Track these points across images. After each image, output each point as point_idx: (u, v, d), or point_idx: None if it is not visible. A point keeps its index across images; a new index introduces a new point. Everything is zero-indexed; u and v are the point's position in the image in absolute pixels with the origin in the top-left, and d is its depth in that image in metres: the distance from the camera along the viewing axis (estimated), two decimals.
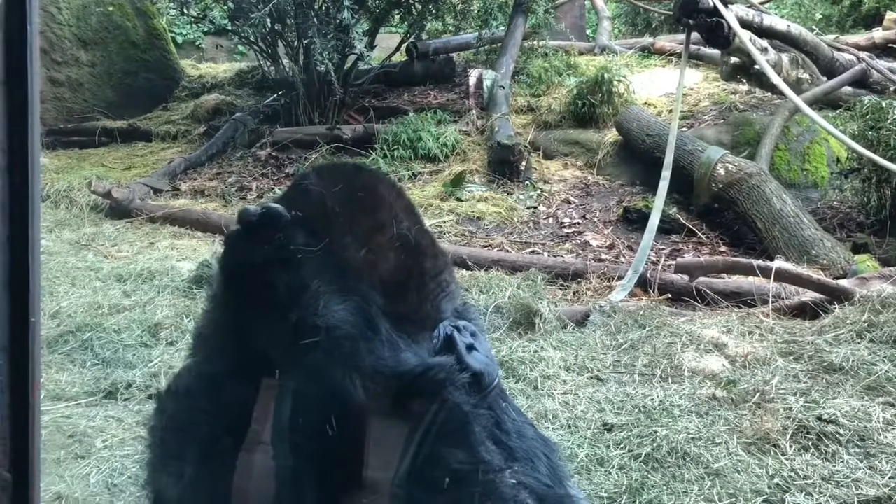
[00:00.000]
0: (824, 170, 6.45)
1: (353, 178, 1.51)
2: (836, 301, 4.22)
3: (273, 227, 1.36)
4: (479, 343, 1.55)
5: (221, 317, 1.46)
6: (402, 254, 1.47)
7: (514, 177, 7.08)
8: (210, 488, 1.40)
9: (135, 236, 6.16)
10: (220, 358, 1.46)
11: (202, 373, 1.48)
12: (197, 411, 1.43)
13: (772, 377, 3.51)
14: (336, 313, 1.34)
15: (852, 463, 2.90)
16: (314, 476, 1.36)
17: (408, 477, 1.35)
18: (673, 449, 2.92)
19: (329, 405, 1.33)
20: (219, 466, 1.38)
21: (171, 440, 1.46)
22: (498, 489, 1.39)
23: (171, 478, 1.42)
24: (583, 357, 3.82)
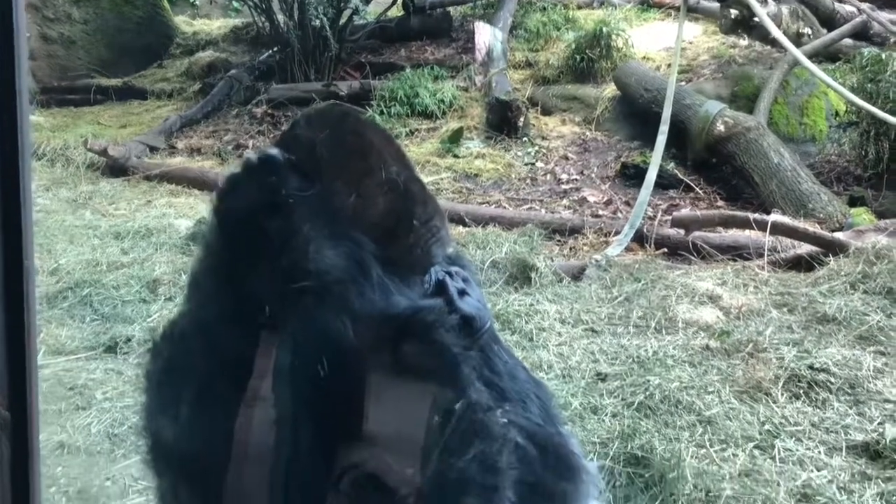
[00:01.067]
0: (823, 124, 6.42)
1: (342, 124, 1.51)
2: (831, 253, 4.23)
3: (269, 171, 1.36)
4: (470, 288, 1.56)
5: (215, 262, 1.47)
6: (392, 199, 1.47)
7: (511, 133, 7.03)
8: (205, 430, 1.42)
9: (132, 194, 6.16)
10: (214, 303, 1.47)
11: (197, 318, 1.49)
12: (191, 355, 1.45)
13: (765, 328, 3.54)
14: (327, 258, 1.35)
15: (842, 410, 2.95)
16: (306, 420, 1.38)
17: (398, 418, 1.37)
18: (665, 397, 2.96)
19: (320, 349, 1.34)
20: (214, 409, 1.41)
21: (167, 384, 1.48)
22: (487, 427, 1.42)
23: (167, 421, 1.44)
24: (578, 310, 3.85)
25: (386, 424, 1.36)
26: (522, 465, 1.48)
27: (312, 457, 1.36)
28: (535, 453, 1.52)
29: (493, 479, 1.38)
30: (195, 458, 1.45)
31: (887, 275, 3.82)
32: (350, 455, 1.36)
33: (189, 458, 1.45)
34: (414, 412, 1.37)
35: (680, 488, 2.38)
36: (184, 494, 1.49)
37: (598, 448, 2.57)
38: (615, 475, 2.46)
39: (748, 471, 2.59)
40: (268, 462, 1.40)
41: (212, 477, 1.41)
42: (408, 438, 1.36)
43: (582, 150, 6.88)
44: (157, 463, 1.50)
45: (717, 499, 2.39)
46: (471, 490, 1.35)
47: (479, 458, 1.36)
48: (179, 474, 1.48)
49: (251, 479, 1.41)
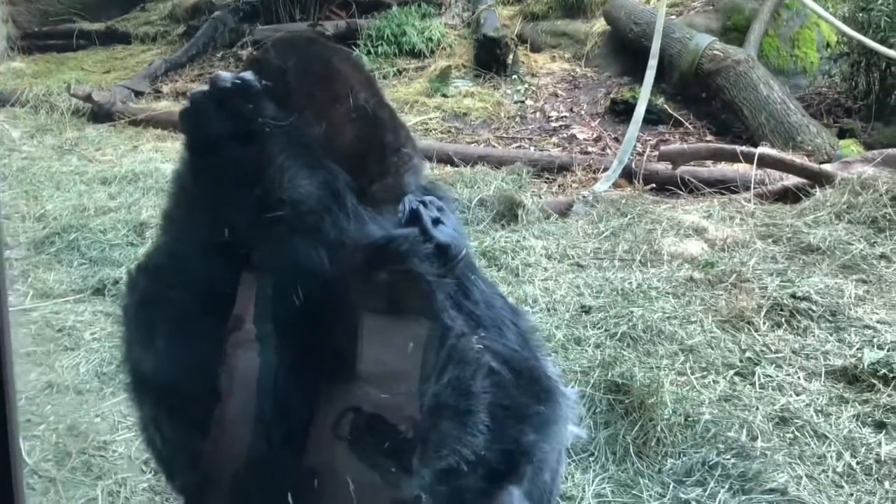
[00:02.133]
0: (814, 55, 6.35)
1: (310, 51, 1.49)
2: (817, 185, 4.24)
3: (244, 96, 1.33)
4: (445, 217, 1.56)
5: (188, 193, 1.46)
6: (362, 126, 1.46)
7: (500, 71, 6.96)
8: (180, 362, 1.43)
9: (118, 140, 6.11)
10: (188, 235, 1.46)
11: (172, 251, 1.49)
12: (167, 288, 1.46)
13: (749, 259, 3.57)
14: (302, 187, 1.34)
15: (822, 336, 2.99)
16: (283, 350, 1.39)
17: (373, 346, 1.38)
18: (648, 327, 2.99)
19: (295, 279, 1.34)
20: (190, 341, 1.41)
21: (144, 315, 1.49)
22: (461, 353, 1.43)
23: (144, 353, 1.45)
24: (564, 245, 3.86)
25: (364, 355, 1.37)
26: (497, 389, 1.50)
27: (288, 387, 1.37)
28: (510, 377, 1.54)
29: (466, 403, 1.40)
30: (172, 390, 1.46)
31: (872, 204, 3.83)
32: (333, 390, 1.38)
33: (166, 390, 1.47)
34: (390, 341, 1.39)
35: (659, 413, 2.43)
36: (164, 425, 1.51)
37: (580, 376, 2.61)
38: (596, 402, 2.50)
39: (727, 396, 2.63)
40: (244, 393, 1.42)
41: (190, 408, 1.43)
42: (387, 368, 1.38)
43: (571, 87, 6.81)
44: (137, 394, 1.52)
45: (696, 423, 2.44)
46: (445, 414, 1.37)
47: (453, 383, 1.37)
48: (158, 405, 1.50)
49: (228, 410, 1.43)
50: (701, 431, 2.42)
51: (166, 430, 1.50)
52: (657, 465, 2.32)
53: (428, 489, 1.38)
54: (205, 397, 1.42)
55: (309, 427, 1.40)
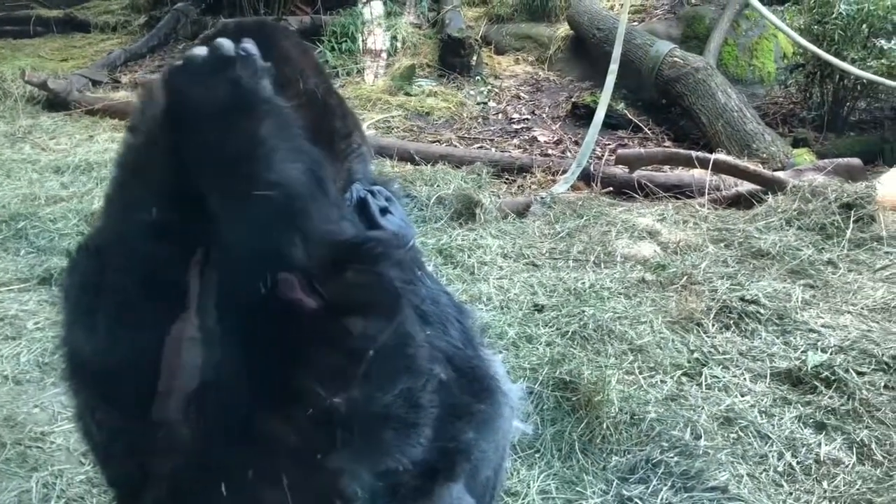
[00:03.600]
0: (771, 65, 6.47)
1: (260, 33, 1.47)
2: (770, 192, 4.31)
3: (250, 68, 1.28)
4: (393, 207, 1.55)
5: (139, 169, 1.40)
6: (311, 110, 1.44)
7: (464, 72, 6.98)
8: (122, 346, 1.40)
9: (73, 129, 5.99)
10: (134, 214, 1.41)
11: (117, 231, 1.44)
12: (110, 269, 1.41)
13: (701, 262, 3.61)
14: (290, 170, 1.30)
15: (769, 339, 3.03)
16: (226, 340, 1.36)
17: (333, 346, 1.36)
18: (599, 327, 3.02)
19: (265, 264, 1.30)
20: (132, 325, 1.38)
21: (84, 298, 1.44)
22: (417, 364, 1.40)
23: (84, 335, 1.41)
24: (520, 245, 3.88)
25: (317, 353, 1.34)
26: (439, 388, 1.49)
27: (230, 379, 1.34)
28: (452, 376, 1.53)
29: (415, 417, 1.37)
30: (109, 377, 1.42)
31: (821, 212, 3.90)
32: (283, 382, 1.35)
33: (103, 376, 1.43)
34: (348, 341, 1.36)
35: (605, 411, 2.44)
36: (100, 414, 1.47)
37: (529, 373, 2.62)
38: (544, 399, 2.51)
39: (674, 396, 2.66)
40: (190, 382, 1.38)
41: (127, 396, 1.39)
42: (340, 369, 1.35)
43: (534, 90, 6.86)
44: (73, 380, 1.48)
45: (641, 421, 2.46)
46: (391, 424, 1.35)
47: (404, 394, 1.35)
48: (95, 393, 1.46)
49: (172, 399, 1.40)
50: (646, 430, 2.44)
51: (102, 418, 1.46)
52: (602, 463, 2.33)
53: (364, 486, 1.36)
54: (143, 386, 1.39)
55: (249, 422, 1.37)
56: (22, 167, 5.04)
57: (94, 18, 8.44)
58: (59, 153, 5.40)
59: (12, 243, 3.80)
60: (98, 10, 8.72)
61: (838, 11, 5.40)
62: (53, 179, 4.83)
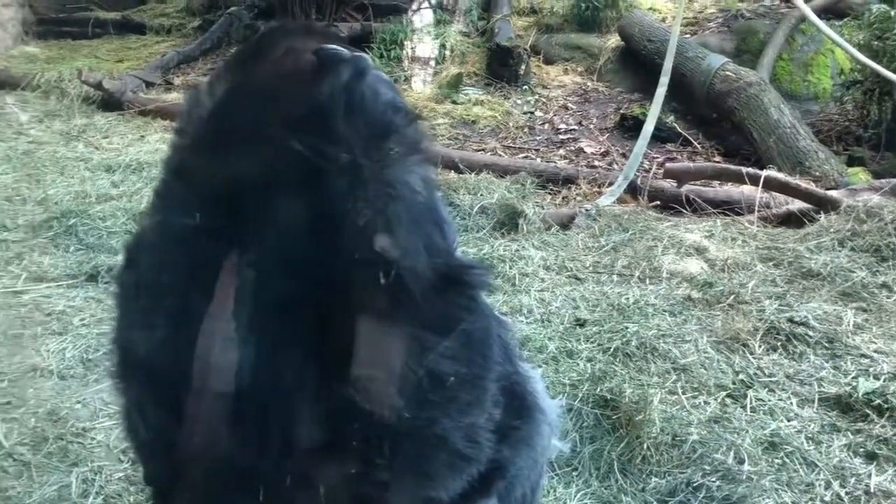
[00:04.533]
0: (827, 82, 6.32)
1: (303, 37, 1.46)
2: (822, 210, 4.20)
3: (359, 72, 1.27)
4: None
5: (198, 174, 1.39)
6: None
7: (512, 81, 6.95)
8: (177, 342, 1.38)
9: (126, 128, 6.10)
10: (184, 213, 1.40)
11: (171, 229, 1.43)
12: (165, 267, 1.40)
13: (749, 280, 3.53)
14: (414, 175, 1.28)
15: (818, 363, 2.95)
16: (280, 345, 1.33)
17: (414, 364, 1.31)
18: (642, 344, 2.96)
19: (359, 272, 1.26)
20: (187, 321, 1.36)
21: (140, 295, 1.43)
22: (485, 398, 1.36)
23: (139, 332, 1.40)
24: (563, 257, 3.83)
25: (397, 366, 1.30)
26: None
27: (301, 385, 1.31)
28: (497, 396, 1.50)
29: (471, 451, 1.34)
30: (162, 374, 1.42)
31: (876, 233, 3.79)
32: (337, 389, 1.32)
33: (156, 373, 1.42)
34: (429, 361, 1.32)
35: (647, 431, 2.39)
36: (148, 411, 1.47)
37: (569, 389, 2.57)
38: (583, 416, 2.47)
39: (717, 418, 2.59)
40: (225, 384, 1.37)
41: (177, 395, 1.38)
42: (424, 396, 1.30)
43: (582, 101, 6.80)
44: (123, 378, 1.48)
45: (683, 443, 2.40)
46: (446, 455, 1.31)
47: (466, 427, 1.31)
48: (144, 390, 1.46)
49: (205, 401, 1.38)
50: (687, 452, 2.38)
51: (150, 417, 1.46)
52: (641, 484, 2.28)
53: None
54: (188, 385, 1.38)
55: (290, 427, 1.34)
56: (75, 165, 5.15)
57: (150, 21, 8.61)
58: (111, 152, 5.51)
59: (62, 239, 3.87)
60: (154, 12, 8.90)
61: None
62: (104, 178, 4.92)
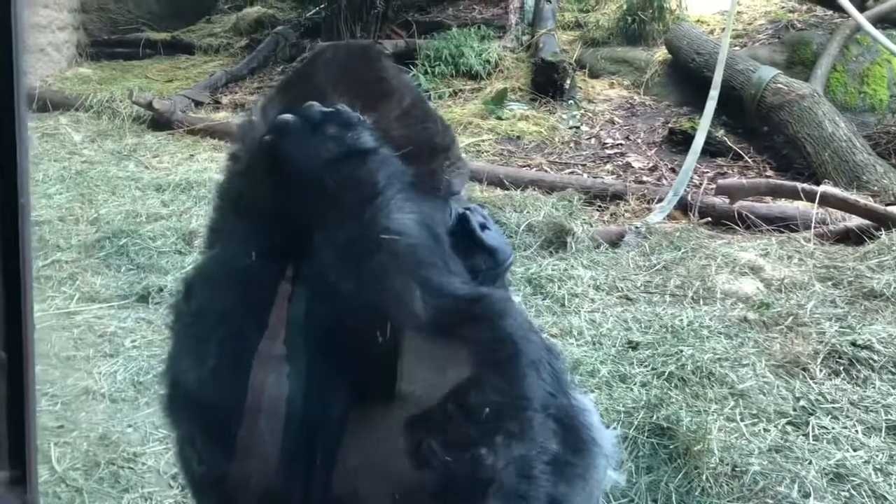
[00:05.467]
0: (884, 93, 6.14)
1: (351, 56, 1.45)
2: (883, 228, 4.06)
3: (346, 125, 1.29)
4: (490, 225, 1.54)
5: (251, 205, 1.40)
6: (410, 127, 1.42)
7: (557, 95, 6.89)
8: (229, 377, 1.37)
9: (175, 148, 6.20)
10: (246, 249, 1.40)
11: (229, 259, 1.42)
12: (224, 298, 1.40)
13: (807, 301, 3.42)
14: (408, 221, 1.28)
15: (884, 389, 2.83)
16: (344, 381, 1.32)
17: (443, 403, 1.30)
18: (697, 368, 2.88)
19: (382, 311, 1.27)
20: (241, 357, 1.35)
21: (196, 326, 1.42)
22: (532, 428, 1.33)
23: (194, 363, 1.39)
24: (613, 277, 3.76)
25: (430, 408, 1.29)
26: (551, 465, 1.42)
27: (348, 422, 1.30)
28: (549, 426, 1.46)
29: (525, 488, 1.30)
30: (216, 408, 1.40)
31: None
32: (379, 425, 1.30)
33: (209, 407, 1.41)
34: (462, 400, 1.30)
35: (705, 461, 2.31)
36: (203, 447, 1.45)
37: (623, 417, 2.51)
38: (639, 445, 2.40)
39: (779, 447, 2.50)
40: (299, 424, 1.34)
41: (230, 429, 1.37)
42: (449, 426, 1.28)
43: (629, 115, 6.71)
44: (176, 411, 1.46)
45: (744, 474, 2.32)
46: (497, 494, 1.28)
47: (516, 461, 1.28)
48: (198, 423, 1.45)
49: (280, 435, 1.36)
50: (749, 483, 2.30)
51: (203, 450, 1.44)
52: None
53: None
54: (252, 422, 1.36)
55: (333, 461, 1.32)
56: (126, 184, 5.24)
57: (199, 41, 8.77)
58: (161, 171, 5.59)
59: (114, 259, 3.92)
60: (202, 32, 9.06)
61: None
62: (154, 197, 4.99)
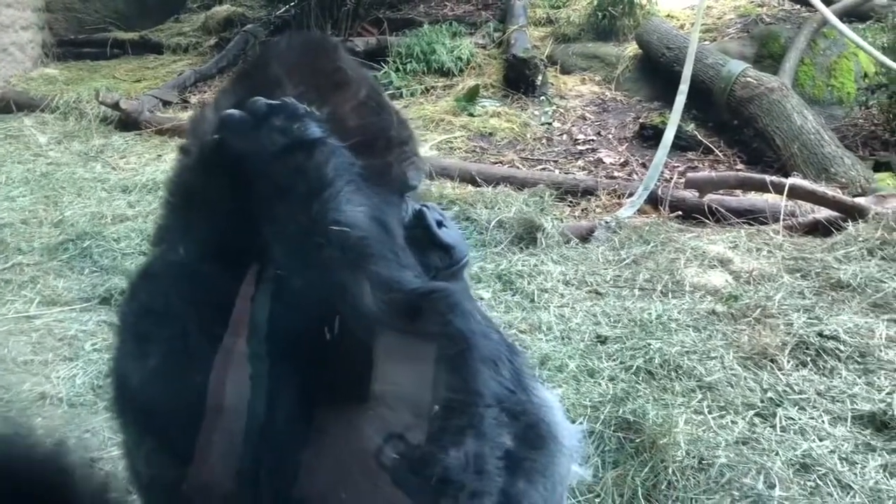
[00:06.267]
0: (851, 86, 6.19)
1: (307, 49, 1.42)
2: (850, 219, 4.08)
3: (292, 117, 1.26)
4: (448, 223, 1.51)
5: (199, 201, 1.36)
6: (366, 119, 1.39)
7: (529, 92, 6.89)
8: (180, 375, 1.34)
9: (143, 148, 6.11)
10: (195, 245, 1.36)
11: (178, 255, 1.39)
12: (169, 298, 1.36)
13: (776, 293, 3.42)
14: (358, 213, 1.25)
15: (850, 379, 2.84)
16: (284, 377, 1.29)
17: (396, 396, 1.28)
18: (665, 361, 2.87)
19: (331, 307, 1.24)
20: (191, 353, 1.32)
21: (141, 325, 1.39)
22: (484, 424, 1.32)
23: (139, 364, 1.36)
24: (583, 271, 3.75)
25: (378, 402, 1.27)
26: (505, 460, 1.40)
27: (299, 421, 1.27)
28: (504, 421, 1.44)
29: (479, 484, 1.28)
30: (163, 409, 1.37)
31: None
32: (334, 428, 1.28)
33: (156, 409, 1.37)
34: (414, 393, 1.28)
35: (671, 454, 2.30)
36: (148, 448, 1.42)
37: (590, 412, 2.49)
38: (605, 440, 2.38)
39: (746, 439, 2.49)
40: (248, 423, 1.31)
41: (179, 432, 1.33)
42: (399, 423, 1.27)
43: (600, 111, 6.72)
44: (121, 412, 1.43)
45: (710, 467, 2.31)
46: (451, 491, 1.26)
47: (468, 457, 1.26)
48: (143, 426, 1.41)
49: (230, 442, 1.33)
50: (715, 476, 2.28)
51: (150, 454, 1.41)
52: None
53: None
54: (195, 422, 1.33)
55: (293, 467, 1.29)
56: (92, 186, 5.15)
57: (167, 40, 8.66)
58: (129, 172, 5.51)
59: (77, 262, 3.85)
60: (171, 32, 8.95)
61: None
62: (121, 198, 4.92)
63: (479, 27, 7.77)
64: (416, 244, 1.48)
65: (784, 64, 6.05)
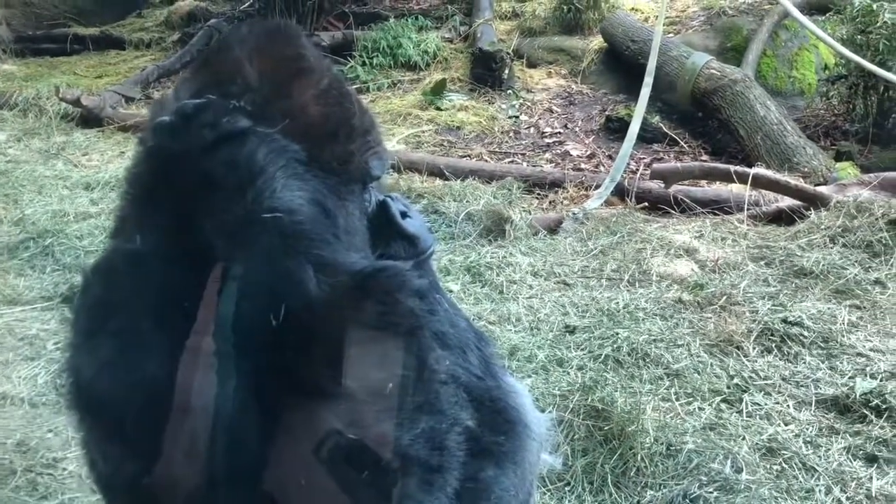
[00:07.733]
0: (812, 77, 6.28)
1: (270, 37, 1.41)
2: (812, 207, 4.14)
3: (219, 112, 1.26)
4: (412, 213, 1.50)
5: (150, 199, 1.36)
6: (327, 108, 1.38)
7: (496, 85, 6.89)
8: (127, 372, 1.32)
9: (105, 145, 6.02)
10: (148, 239, 1.35)
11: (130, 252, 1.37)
12: (121, 291, 1.35)
13: (741, 281, 3.47)
14: (295, 198, 1.25)
15: (814, 364, 2.88)
16: (242, 367, 1.29)
17: (349, 379, 1.28)
18: (633, 350, 2.89)
19: (276, 294, 1.24)
20: (142, 351, 1.31)
21: (93, 319, 1.37)
22: (439, 400, 1.32)
23: (92, 358, 1.34)
24: (551, 263, 3.76)
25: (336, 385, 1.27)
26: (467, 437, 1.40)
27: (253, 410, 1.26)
28: (471, 408, 1.44)
29: (438, 460, 1.28)
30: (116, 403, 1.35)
31: (867, 228, 3.73)
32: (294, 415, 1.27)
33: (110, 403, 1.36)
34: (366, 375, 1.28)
35: (640, 441, 2.32)
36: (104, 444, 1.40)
37: (559, 401, 2.50)
38: (574, 428, 2.39)
39: (713, 424, 2.53)
40: (203, 414, 1.30)
41: (140, 427, 1.31)
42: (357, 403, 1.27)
43: (567, 104, 6.74)
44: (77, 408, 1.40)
45: (678, 453, 2.33)
46: (410, 469, 1.26)
47: (426, 434, 1.26)
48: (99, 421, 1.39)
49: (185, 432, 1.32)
50: (683, 462, 2.31)
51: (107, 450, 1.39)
52: (636, 497, 2.21)
53: None
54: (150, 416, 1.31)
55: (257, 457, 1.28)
56: (53, 183, 5.06)
57: (129, 35, 8.51)
58: (91, 169, 5.42)
59: (39, 260, 3.78)
60: (133, 27, 8.80)
61: (883, 21, 5.21)
62: (83, 196, 4.83)
63: (446, 21, 7.76)
64: (380, 235, 1.48)
65: (747, 56, 6.12)
